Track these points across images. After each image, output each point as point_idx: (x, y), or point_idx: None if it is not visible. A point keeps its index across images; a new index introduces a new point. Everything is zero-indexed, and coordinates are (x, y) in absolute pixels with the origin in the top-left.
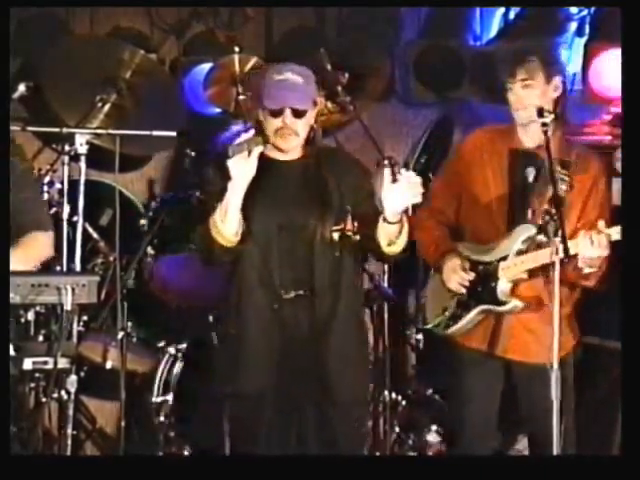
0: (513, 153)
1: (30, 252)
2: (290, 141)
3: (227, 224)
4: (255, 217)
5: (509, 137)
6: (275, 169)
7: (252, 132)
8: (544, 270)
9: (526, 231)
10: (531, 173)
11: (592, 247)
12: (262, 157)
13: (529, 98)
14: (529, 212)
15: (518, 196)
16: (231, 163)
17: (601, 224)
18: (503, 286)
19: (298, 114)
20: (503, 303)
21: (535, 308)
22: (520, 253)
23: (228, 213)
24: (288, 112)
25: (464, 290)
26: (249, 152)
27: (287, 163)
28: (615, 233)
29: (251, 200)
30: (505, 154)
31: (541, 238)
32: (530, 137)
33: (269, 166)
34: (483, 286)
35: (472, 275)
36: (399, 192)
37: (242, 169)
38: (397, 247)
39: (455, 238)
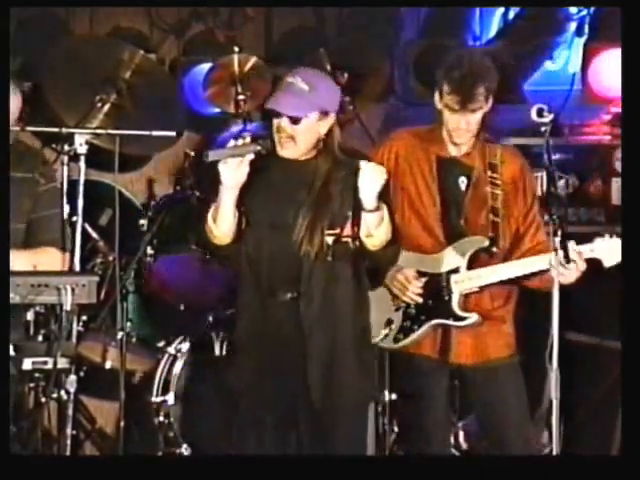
0: (441, 161)
1: (37, 260)
2: (285, 146)
3: (220, 224)
4: (251, 214)
5: (436, 144)
6: (279, 166)
7: (248, 139)
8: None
9: (477, 242)
10: (463, 182)
11: (571, 272)
12: (270, 152)
13: (474, 122)
14: (462, 221)
15: (451, 205)
16: (222, 168)
17: (571, 243)
18: (458, 299)
19: (294, 120)
20: (462, 318)
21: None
22: (470, 268)
23: (219, 214)
24: (285, 118)
25: (420, 299)
26: (241, 158)
27: (291, 162)
28: (589, 251)
29: (249, 196)
30: (433, 162)
31: (494, 250)
32: (456, 145)
33: (274, 162)
34: (434, 299)
35: (423, 281)
36: (369, 176)
37: (233, 175)
38: (376, 240)
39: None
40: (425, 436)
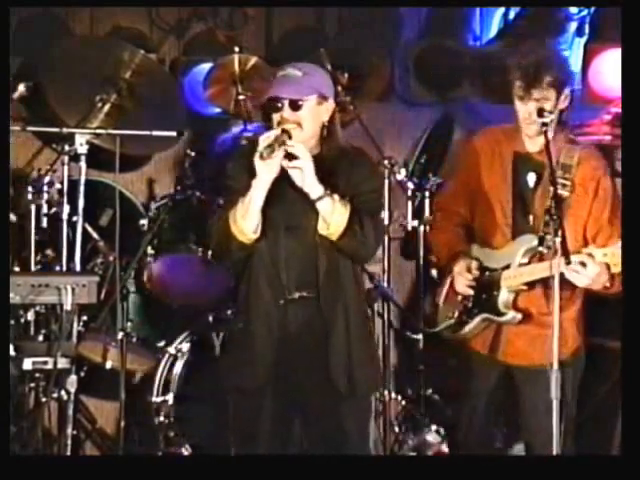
0: (517, 156)
1: None
2: (296, 133)
3: (248, 221)
4: (265, 216)
5: (514, 139)
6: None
7: (279, 130)
8: (544, 281)
9: (528, 242)
10: (532, 178)
11: (580, 276)
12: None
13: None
14: (530, 218)
15: (520, 201)
16: (258, 161)
17: (591, 249)
18: (504, 296)
19: (295, 107)
20: (502, 314)
21: (532, 318)
22: (521, 264)
23: (250, 210)
24: (285, 105)
25: (470, 292)
26: (274, 151)
27: None
28: (602, 255)
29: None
30: (510, 156)
31: (542, 249)
32: (533, 141)
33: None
34: (487, 294)
35: (476, 274)
36: (302, 164)
37: (268, 169)
38: (333, 228)
39: (471, 239)
40: (464, 434)
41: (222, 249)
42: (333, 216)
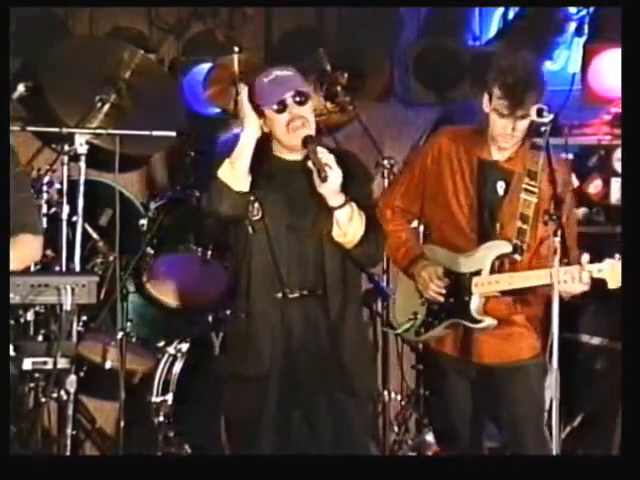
0: (482, 164)
1: (18, 254)
2: (305, 131)
3: (237, 167)
4: (267, 215)
5: (479, 145)
6: (284, 168)
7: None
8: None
9: (499, 248)
10: (501, 186)
11: (574, 284)
12: (272, 157)
13: (520, 128)
14: (497, 226)
15: (487, 208)
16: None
17: (585, 258)
18: (476, 303)
19: (301, 102)
20: (477, 321)
21: (503, 319)
22: (493, 271)
23: (240, 157)
24: (291, 102)
25: (442, 299)
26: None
27: (295, 163)
28: (597, 270)
29: (263, 194)
30: (474, 163)
31: (516, 257)
32: (500, 150)
33: (278, 165)
34: (455, 298)
35: (447, 282)
36: (330, 172)
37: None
38: (349, 236)
39: (420, 238)
40: (453, 434)
41: (217, 211)
42: (351, 224)
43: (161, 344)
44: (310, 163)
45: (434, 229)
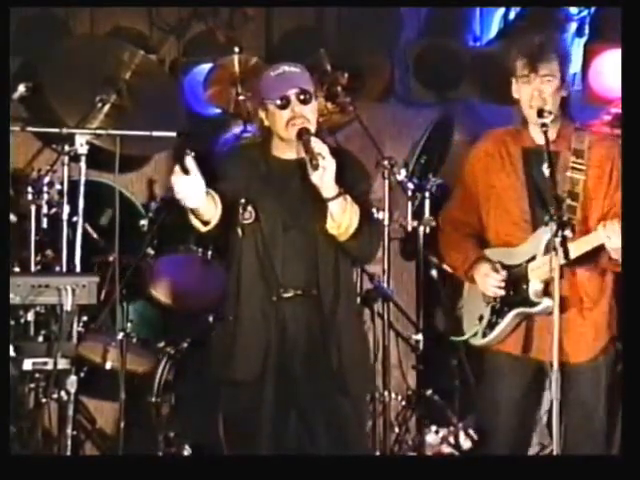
0: (526, 152)
1: None
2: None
3: (201, 214)
4: (262, 213)
5: (520, 136)
6: (281, 168)
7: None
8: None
9: (548, 231)
10: (547, 170)
11: (619, 238)
12: (269, 156)
13: (547, 93)
14: (551, 209)
15: (537, 194)
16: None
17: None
18: (535, 287)
19: (304, 100)
20: (535, 304)
21: (567, 306)
22: (548, 252)
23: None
24: (294, 100)
25: (502, 292)
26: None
27: (292, 162)
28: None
29: (258, 196)
30: (518, 154)
31: (567, 234)
32: (540, 130)
33: (276, 165)
34: (514, 289)
35: (504, 273)
36: (322, 162)
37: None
38: (342, 228)
39: (482, 246)
40: (501, 435)
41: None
42: (345, 216)
43: (161, 344)
44: (303, 153)
45: (494, 233)
